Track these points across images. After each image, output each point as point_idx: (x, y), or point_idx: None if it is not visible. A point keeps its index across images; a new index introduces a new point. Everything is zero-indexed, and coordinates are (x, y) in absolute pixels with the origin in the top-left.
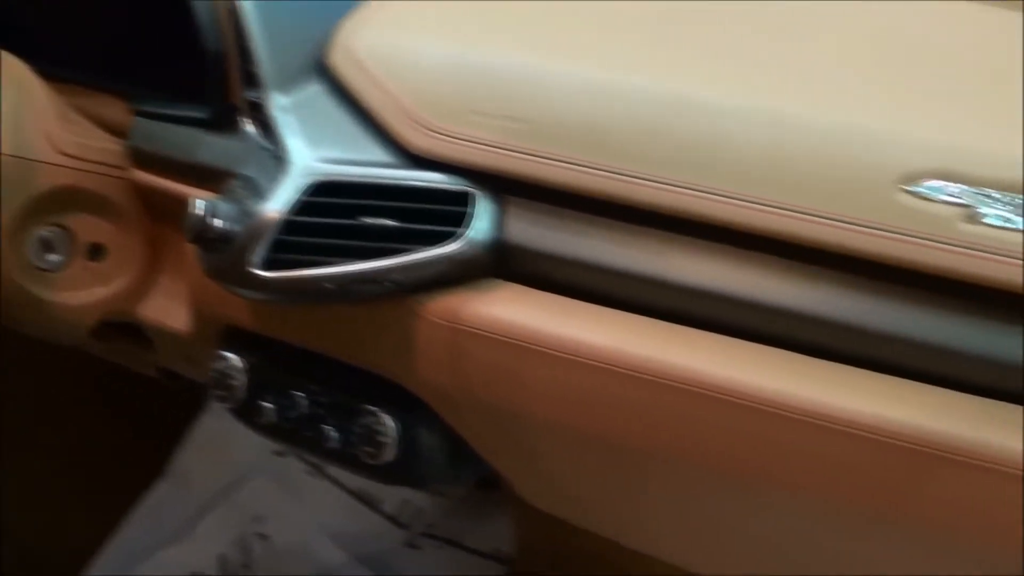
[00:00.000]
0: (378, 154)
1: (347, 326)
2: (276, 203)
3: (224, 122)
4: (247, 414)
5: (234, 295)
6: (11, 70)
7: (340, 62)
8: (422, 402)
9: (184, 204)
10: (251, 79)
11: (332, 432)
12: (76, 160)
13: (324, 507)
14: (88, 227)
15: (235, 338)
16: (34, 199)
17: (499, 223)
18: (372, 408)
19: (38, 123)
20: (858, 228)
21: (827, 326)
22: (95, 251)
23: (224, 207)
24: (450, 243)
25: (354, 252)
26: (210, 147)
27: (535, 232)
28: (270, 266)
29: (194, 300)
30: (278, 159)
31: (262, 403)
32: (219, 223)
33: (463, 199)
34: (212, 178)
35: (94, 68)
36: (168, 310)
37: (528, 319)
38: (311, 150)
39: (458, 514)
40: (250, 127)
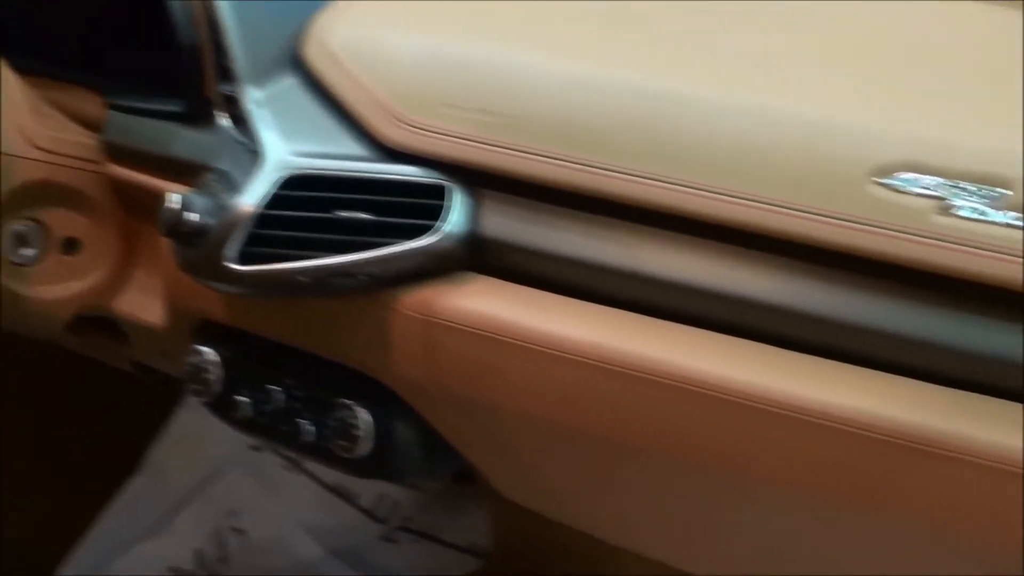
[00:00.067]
0: (352, 147)
1: (322, 320)
2: (250, 197)
3: (199, 116)
4: (222, 408)
5: (209, 289)
6: None
7: (314, 56)
8: (397, 396)
9: (159, 198)
10: (225, 73)
11: (307, 426)
12: (50, 154)
13: (300, 501)
14: (63, 221)
15: (210, 332)
16: (8, 193)
17: (474, 216)
18: (347, 402)
19: (12, 117)
20: (831, 220)
21: (801, 319)
22: (70, 245)
23: (198, 201)
24: (425, 237)
25: (329, 246)
26: (184, 141)
27: (509, 225)
28: (245, 260)
29: (169, 294)
30: (252, 153)
31: (237, 397)
32: (193, 217)
33: (438, 192)
34: (187, 172)
35: (69, 62)
36: (143, 304)
37: (502, 312)
38: (285, 144)
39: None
40: (225, 121)
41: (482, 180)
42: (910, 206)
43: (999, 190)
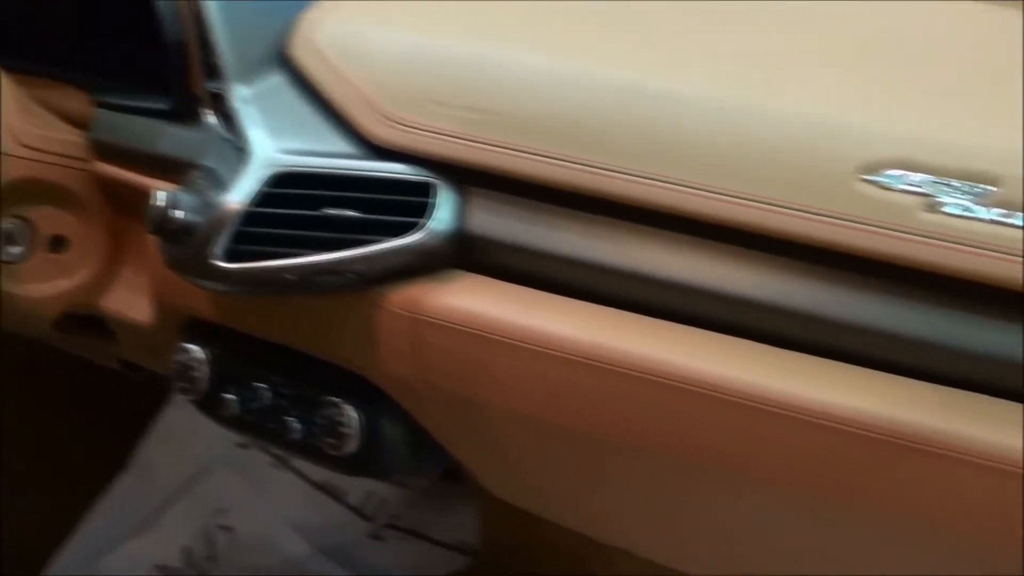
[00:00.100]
0: (340, 145)
1: (309, 317)
2: (237, 194)
3: (186, 113)
4: (210, 406)
5: (196, 287)
6: None
7: (301, 53)
8: (385, 393)
9: (146, 196)
10: (212, 70)
11: (295, 423)
12: (38, 152)
13: (288, 499)
14: (50, 219)
15: (197, 330)
16: None
17: (461, 214)
18: (334, 399)
19: None
20: (819, 218)
21: (791, 316)
22: (57, 243)
23: (185, 198)
24: (412, 234)
25: (316, 243)
26: (172, 138)
27: (497, 222)
28: (232, 257)
29: (156, 292)
30: (240, 150)
31: (225, 395)
32: (180, 214)
33: (425, 190)
34: (174, 169)
35: (56, 59)
36: (130, 302)
37: (489, 309)
38: (273, 141)
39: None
40: (212, 118)
41: (469, 177)
42: (897, 203)
43: (985, 187)
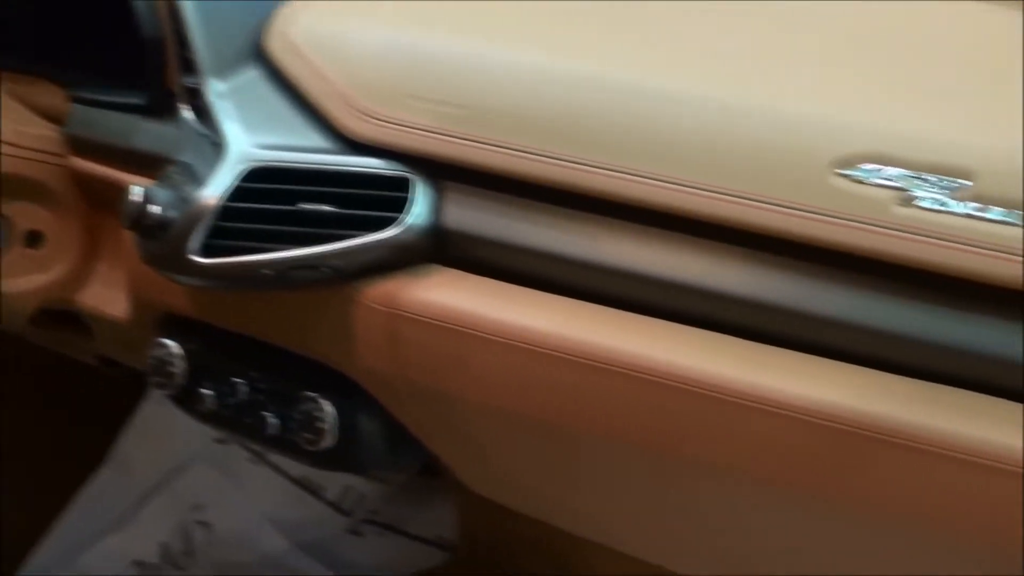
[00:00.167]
0: (316, 140)
1: (286, 312)
2: (213, 189)
3: (161, 108)
4: (186, 401)
5: (172, 282)
6: None
7: (277, 48)
8: (362, 388)
9: (122, 191)
10: (188, 65)
11: (272, 419)
12: (13, 147)
13: (266, 494)
14: (25, 214)
15: (174, 325)
16: None
17: (437, 208)
18: (311, 394)
19: None
20: (792, 211)
21: (764, 309)
22: (33, 238)
23: (161, 193)
24: (388, 229)
25: (292, 238)
26: (147, 133)
27: (473, 217)
28: (207, 252)
29: (132, 287)
30: (215, 145)
31: (201, 390)
32: (156, 209)
33: (401, 184)
34: (150, 165)
35: (31, 55)
36: (107, 297)
37: (466, 304)
38: (248, 136)
39: (400, 501)
40: (187, 113)
41: (445, 172)
42: (871, 197)
43: (960, 181)
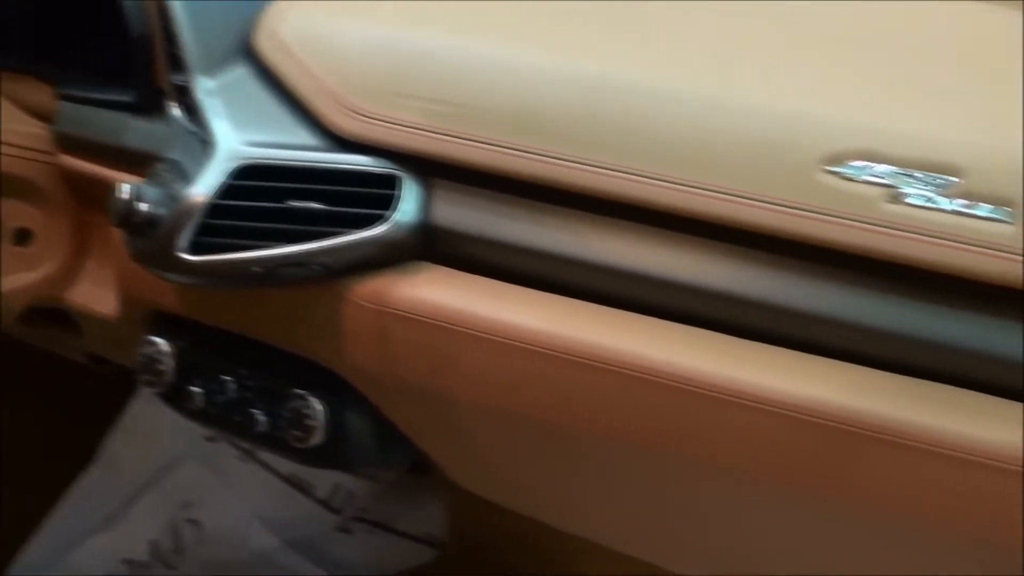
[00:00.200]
0: (305, 137)
1: (275, 310)
2: (202, 187)
3: (150, 106)
4: (176, 399)
5: (161, 279)
6: None
7: (266, 46)
8: (351, 385)
9: (111, 189)
10: (177, 63)
11: (261, 416)
12: (2, 145)
13: (255, 492)
14: (14, 212)
15: (163, 323)
16: None
17: (426, 206)
18: (300, 392)
19: None
20: (782, 209)
21: (754, 306)
22: (22, 236)
23: (150, 191)
24: (377, 226)
25: (281, 235)
26: (136, 131)
27: (461, 214)
28: (196, 250)
29: (121, 285)
30: (204, 143)
31: (190, 388)
32: (145, 207)
33: (390, 182)
34: (139, 162)
35: (20, 52)
36: (96, 295)
37: (454, 301)
38: (237, 133)
39: (390, 498)
40: (176, 111)
41: (434, 169)
42: (860, 194)
43: (948, 178)
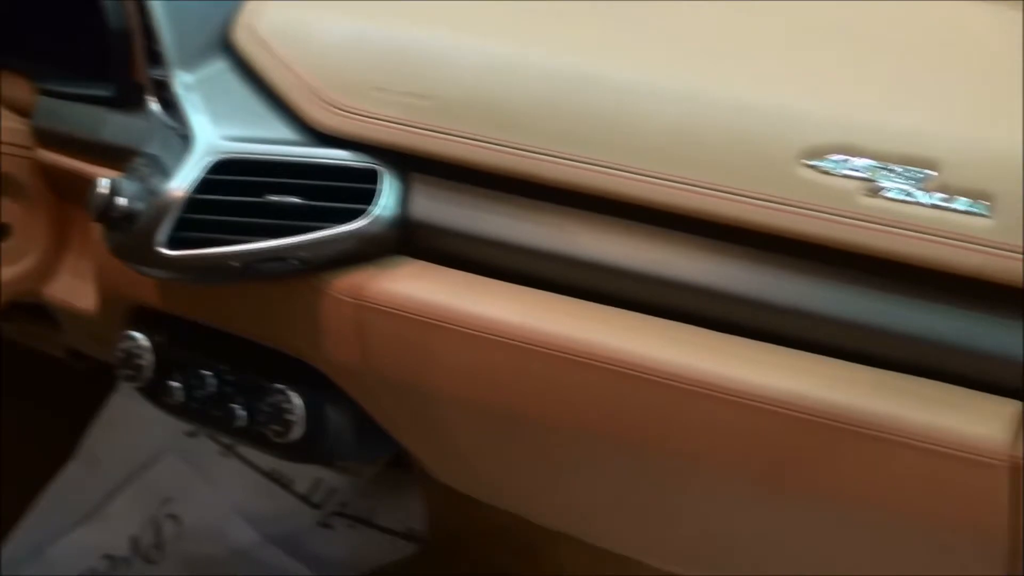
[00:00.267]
0: (283, 132)
1: (253, 304)
2: (180, 181)
3: (129, 100)
4: (155, 394)
5: (140, 274)
6: None
7: (244, 40)
8: (330, 380)
9: (89, 183)
10: (155, 57)
11: (240, 411)
12: None
13: (236, 487)
14: None
15: (142, 317)
16: None
17: (405, 200)
18: (280, 386)
19: None
20: (760, 202)
21: (731, 300)
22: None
23: (128, 185)
24: (356, 221)
25: (260, 230)
26: (115, 126)
27: (440, 209)
28: (175, 244)
29: (101, 279)
30: (183, 137)
31: (170, 382)
32: (123, 201)
33: (369, 176)
34: (117, 157)
35: None
36: (75, 290)
37: (433, 295)
38: (215, 128)
39: (370, 493)
40: (155, 105)
41: (413, 164)
42: (838, 188)
43: (926, 171)
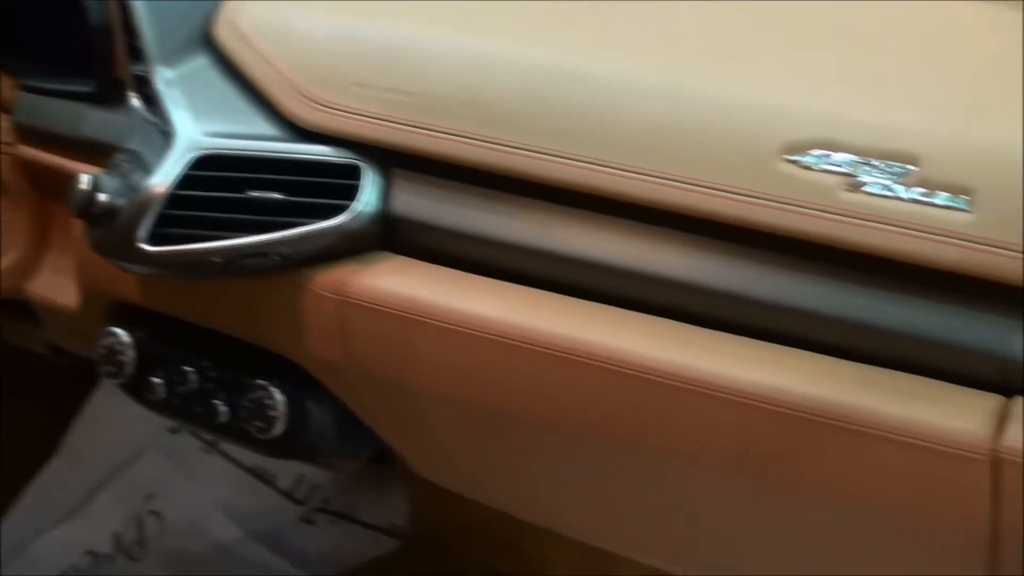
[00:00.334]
0: (265, 127)
1: (235, 300)
2: (161, 177)
3: (110, 96)
4: (137, 390)
5: (121, 270)
6: None
7: (225, 36)
8: (312, 376)
9: (71, 179)
10: (136, 53)
11: (222, 407)
12: None
13: (218, 484)
14: None
15: (124, 313)
16: None
17: (386, 196)
18: (262, 382)
19: None
20: (741, 198)
21: (713, 295)
22: None
23: (109, 181)
24: (338, 216)
25: (241, 226)
26: (96, 122)
27: (422, 204)
28: (156, 240)
29: (82, 276)
30: (164, 133)
31: (152, 378)
32: (105, 198)
33: (351, 172)
34: (99, 153)
35: None
36: (57, 286)
37: (415, 291)
38: (197, 123)
39: (353, 489)
40: (136, 101)
41: (394, 159)
42: (819, 183)
43: (906, 166)
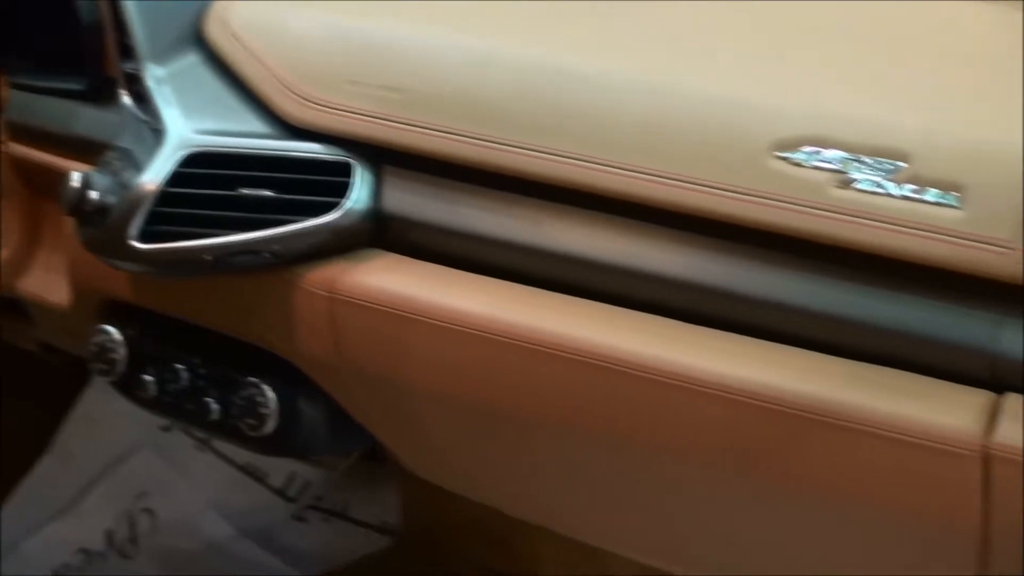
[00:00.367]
0: (256, 125)
1: (227, 298)
2: (152, 175)
3: (101, 94)
4: (129, 387)
5: (113, 268)
6: None
7: (216, 33)
8: (304, 373)
9: (62, 177)
10: (127, 51)
11: (214, 404)
12: None
13: (210, 481)
14: None
15: (115, 311)
16: None
17: (377, 193)
18: (253, 380)
19: None
20: (731, 195)
21: (703, 292)
22: None
23: (101, 179)
24: (329, 214)
25: (232, 223)
26: (87, 119)
27: (413, 202)
28: (147, 238)
29: (73, 273)
30: (155, 131)
31: (143, 376)
32: (96, 195)
33: (342, 169)
34: (90, 151)
35: None
36: (48, 284)
37: (406, 288)
38: (188, 121)
39: (344, 487)
40: (127, 99)
41: (385, 157)
42: (810, 180)
43: (897, 163)
